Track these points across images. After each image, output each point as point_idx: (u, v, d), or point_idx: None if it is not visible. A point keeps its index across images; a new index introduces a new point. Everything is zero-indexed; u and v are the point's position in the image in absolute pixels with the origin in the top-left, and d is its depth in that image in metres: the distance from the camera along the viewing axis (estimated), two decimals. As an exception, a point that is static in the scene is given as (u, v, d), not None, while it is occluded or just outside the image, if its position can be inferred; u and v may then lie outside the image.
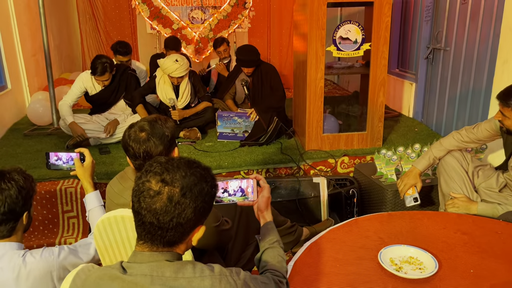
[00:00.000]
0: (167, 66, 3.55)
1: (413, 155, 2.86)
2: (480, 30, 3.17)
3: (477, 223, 1.86)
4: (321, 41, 3.11)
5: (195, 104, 3.91)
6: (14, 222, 1.52)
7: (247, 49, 3.80)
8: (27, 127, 4.13)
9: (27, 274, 1.46)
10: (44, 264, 1.49)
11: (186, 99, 3.77)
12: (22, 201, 1.53)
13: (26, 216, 1.57)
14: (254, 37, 6.40)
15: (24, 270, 1.46)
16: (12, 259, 1.47)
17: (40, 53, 4.91)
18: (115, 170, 3.01)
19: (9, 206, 1.49)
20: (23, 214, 1.55)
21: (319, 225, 2.66)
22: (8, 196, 1.49)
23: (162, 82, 3.73)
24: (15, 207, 1.51)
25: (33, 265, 1.47)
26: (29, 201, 1.58)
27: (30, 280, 1.46)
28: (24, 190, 1.53)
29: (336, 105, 4.36)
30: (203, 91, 3.90)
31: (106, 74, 3.51)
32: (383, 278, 1.48)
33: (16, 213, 1.52)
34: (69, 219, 2.84)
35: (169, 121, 1.60)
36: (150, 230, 1.04)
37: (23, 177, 1.56)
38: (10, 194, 1.49)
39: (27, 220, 1.58)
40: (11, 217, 1.51)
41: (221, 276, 1.04)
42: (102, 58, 3.50)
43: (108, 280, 1.03)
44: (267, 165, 3.19)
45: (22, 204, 1.53)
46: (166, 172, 1.04)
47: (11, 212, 1.50)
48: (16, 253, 1.50)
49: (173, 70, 3.53)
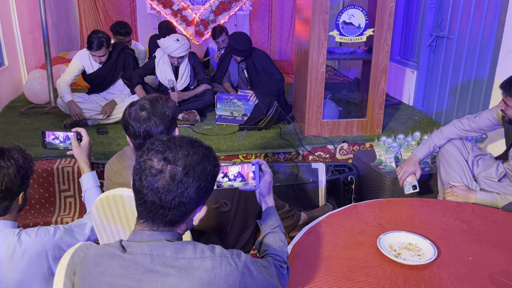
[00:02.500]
0: (168, 45, 3.50)
1: (413, 143, 2.85)
2: (484, 19, 3.13)
3: (477, 211, 1.86)
4: (324, 26, 3.07)
5: (195, 87, 3.88)
6: (10, 201, 1.51)
7: (241, 37, 3.76)
8: (24, 105, 4.09)
9: (22, 253, 1.44)
10: (39, 243, 1.48)
11: (185, 81, 3.73)
12: (19, 181, 1.50)
13: (22, 196, 1.55)
14: (255, 21, 6.33)
15: (19, 248, 1.44)
16: (6, 237, 1.46)
17: (38, 30, 4.84)
18: (113, 150, 2.99)
19: (6, 185, 1.47)
20: (19, 194, 1.53)
21: (318, 210, 2.67)
22: (6, 175, 1.46)
23: (161, 62, 3.68)
24: (12, 186, 1.49)
25: (28, 244, 1.46)
26: (27, 181, 1.55)
27: (25, 259, 1.45)
28: (22, 169, 1.51)
29: (337, 92, 4.33)
30: (202, 74, 3.86)
31: (102, 49, 3.46)
32: (382, 264, 1.48)
33: (12, 192, 1.50)
34: (65, 198, 2.83)
35: (170, 101, 1.58)
36: (152, 209, 1.02)
37: (23, 156, 1.53)
38: (9, 172, 1.47)
39: (22, 200, 1.56)
40: (7, 195, 1.49)
41: (221, 257, 1.03)
42: (99, 33, 3.45)
43: (108, 258, 1.02)
44: (265, 150, 3.18)
45: (20, 183, 1.51)
46: (168, 150, 1.02)
47: (8, 191, 1.48)
48: (11, 232, 1.48)
49: (173, 49, 3.49)
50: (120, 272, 0.99)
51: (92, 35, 3.44)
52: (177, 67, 3.69)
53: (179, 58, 3.58)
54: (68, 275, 1.11)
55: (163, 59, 3.68)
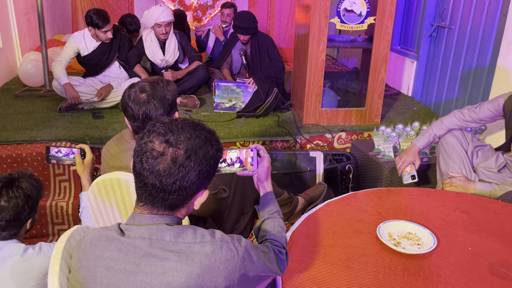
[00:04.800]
0: (153, 12, 3.56)
1: (412, 133, 2.83)
2: (487, 9, 3.10)
3: (476, 202, 1.86)
4: (325, 12, 3.03)
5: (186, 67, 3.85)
6: (18, 228, 1.54)
7: (245, 15, 3.74)
8: (18, 88, 4.03)
9: (27, 268, 1.46)
10: (44, 258, 1.50)
11: (173, 56, 3.74)
12: (28, 210, 1.54)
13: (30, 222, 1.58)
14: (254, 7, 6.25)
15: (24, 264, 1.46)
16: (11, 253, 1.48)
17: (33, 12, 4.75)
18: (109, 135, 2.95)
19: (15, 215, 1.50)
20: (27, 221, 1.57)
21: (312, 189, 2.62)
22: (15, 206, 1.49)
23: (149, 41, 3.73)
24: (20, 216, 1.51)
25: (33, 259, 1.48)
26: (35, 207, 1.58)
27: (30, 274, 1.46)
28: (31, 199, 1.54)
29: (335, 81, 4.30)
30: (192, 51, 3.86)
31: (110, 23, 3.46)
32: (381, 252, 1.47)
33: (20, 221, 1.53)
34: (60, 182, 2.79)
35: (171, 84, 1.54)
36: (152, 192, 1.00)
37: (31, 184, 1.55)
38: (17, 203, 1.50)
39: (30, 225, 1.59)
40: (15, 224, 1.51)
41: (222, 242, 1.01)
42: (96, 10, 3.44)
43: (106, 241, 1.00)
44: (263, 137, 3.15)
45: (28, 212, 1.54)
46: (170, 132, 0.99)
47: (16, 220, 1.51)
48: (16, 246, 1.50)
49: (159, 13, 3.53)
50: (118, 256, 0.97)
51: (92, 14, 3.39)
52: (164, 43, 3.68)
53: (166, 25, 3.56)
54: (64, 258, 1.09)
55: (150, 36, 3.71)
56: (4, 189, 1.50)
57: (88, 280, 0.98)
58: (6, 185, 1.51)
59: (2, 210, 1.47)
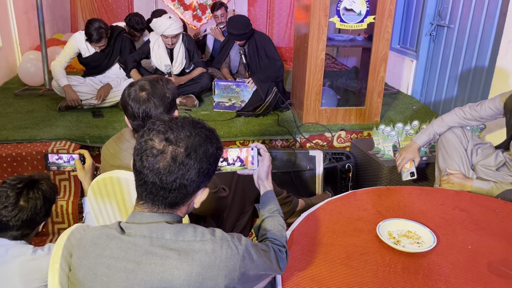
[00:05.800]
0: (161, 23, 3.45)
1: (411, 132, 2.83)
2: (486, 8, 3.10)
3: (475, 200, 1.86)
4: (325, 11, 3.03)
5: (190, 70, 3.83)
6: (31, 229, 1.55)
7: (237, 21, 3.69)
8: (18, 87, 4.03)
9: (36, 268, 1.46)
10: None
11: (181, 64, 3.68)
12: (44, 212, 1.55)
13: (42, 225, 1.59)
14: (253, 6, 6.25)
15: (33, 263, 1.47)
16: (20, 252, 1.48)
17: (32, 11, 4.75)
18: (109, 134, 2.96)
19: (32, 216, 1.51)
20: (41, 224, 1.58)
21: (316, 197, 2.65)
22: (33, 206, 1.50)
23: (156, 47, 3.63)
24: (36, 217, 1.53)
25: (42, 259, 1.48)
26: (49, 211, 1.59)
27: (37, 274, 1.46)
28: (48, 202, 1.56)
29: (335, 80, 4.30)
30: (197, 56, 3.82)
31: (102, 41, 3.41)
32: (381, 251, 1.47)
33: (35, 222, 1.54)
34: (60, 181, 2.79)
35: (170, 83, 1.54)
36: (152, 190, 1.00)
37: (50, 188, 1.57)
38: (36, 204, 1.51)
39: (42, 228, 1.60)
40: (30, 224, 1.52)
41: (222, 240, 1.01)
42: (95, 23, 3.35)
43: (106, 239, 1.00)
44: (263, 136, 3.16)
45: (43, 214, 1.55)
46: (170, 130, 0.99)
47: (32, 221, 1.52)
48: (25, 247, 1.51)
49: (167, 26, 3.43)
50: (118, 254, 0.97)
51: (90, 26, 3.34)
52: (172, 49, 3.64)
53: (173, 37, 3.51)
54: (64, 257, 1.09)
55: (158, 42, 3.62)
56: (25, 189, 1.51)
57: (89, 278, 0.99)
58: (27, 186, 1.52)
59: (20, 210, 1.48)
